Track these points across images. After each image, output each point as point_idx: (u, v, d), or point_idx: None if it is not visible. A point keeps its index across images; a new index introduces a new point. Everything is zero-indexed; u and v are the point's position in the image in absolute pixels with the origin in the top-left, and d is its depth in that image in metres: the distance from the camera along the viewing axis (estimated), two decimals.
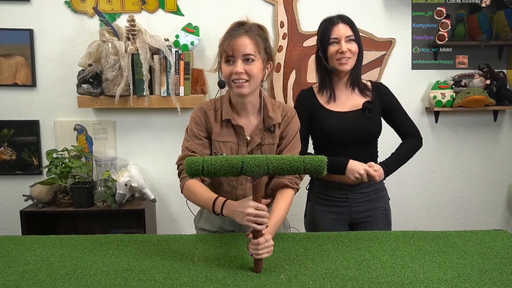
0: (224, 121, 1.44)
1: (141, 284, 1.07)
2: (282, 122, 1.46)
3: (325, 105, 1.67)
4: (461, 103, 2.45)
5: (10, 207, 2.57)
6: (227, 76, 1.38)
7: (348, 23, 1.62)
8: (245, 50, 1.34)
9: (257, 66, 1.37)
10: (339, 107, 1.66)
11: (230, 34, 1.37)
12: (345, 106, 1.67)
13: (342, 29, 1.61)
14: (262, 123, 1.45)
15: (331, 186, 1.70)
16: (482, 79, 2.50)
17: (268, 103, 1.46)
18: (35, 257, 1.24)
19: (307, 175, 1.64)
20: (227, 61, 1.37)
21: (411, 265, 1.17)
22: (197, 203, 1.41)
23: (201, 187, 1.39)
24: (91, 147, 2.55)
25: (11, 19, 2.43)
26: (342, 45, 1.59)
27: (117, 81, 2.30)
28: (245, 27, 1.39)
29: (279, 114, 1.46)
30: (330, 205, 1.71)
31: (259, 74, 1.38)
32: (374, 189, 1.71)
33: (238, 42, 1.34)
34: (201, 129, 1.45)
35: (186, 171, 1.12)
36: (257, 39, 1.38)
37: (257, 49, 1.36)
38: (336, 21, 1.62)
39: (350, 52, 1.59)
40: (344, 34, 1.60)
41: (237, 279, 1.10)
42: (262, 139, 1.44)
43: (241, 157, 1.12)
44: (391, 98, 1.73)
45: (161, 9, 2.46)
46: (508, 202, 2.76)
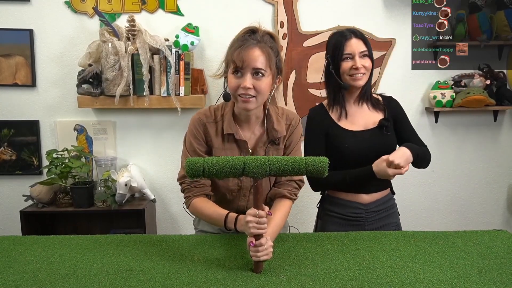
0: (226, 134, 1.37)
1: (141, 284, 1.07)
2: (287, 133, 1.41)
3: (339, 123, 1.60)
4: (461, 103, 2.45)
5: (10, 207, 2.57)
6: (233, 89, 1.28)
7: (361, 38, 1.55)
8: (256, 64, 1.25)
9: (267, 81, 1.28)
10: (354, 125, 1.60)
11: (241, 44, 1.27)
12: (360, 124, 1.60)
13: (355, 44, 1.54)
14: (266, 135, 1.39)
15: (345, 205, 1.63)
16: (482, 79, 2.50)
17: (273, 114, 1.39)
18: (35, 257, 1.24)
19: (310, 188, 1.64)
20: (235, 71, 1.27)
21: (411, 265, 1.17)
22: (207, 220, 1.39)
23: (209, 204, 1.36)
24: (91, 147, 2.55)
25: (11, 19, 2.43)
26: (356, 61, 1.52)
27: (117, 81, 2.30)
28: (257, 37, 1.29)
29: (283, 125, 1.40)
30: (343, 224, 1.63)
31: (268, 89, 1.30)
32: (387, 206, 1.66)
33: (249, 54, 1.25)
34: (200, 143, 1.38)
35: (187, 172, 1.11)
36: (270, 52, 1.28)
37: (269, 63, 1.27)
38: (349, 36, 1.54)
39: (365, 68, 1.54)
40: (358, 50, 1.53)
41: (237, 279, 1.09)
42: (266, 152, 1.38)
43: (243, 158, 1.12)
44: (401, 111, 1.67)
45: (161, 9, 2.46)
46: (508, 202, 2.76)
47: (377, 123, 1.59)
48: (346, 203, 1.63)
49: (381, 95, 1.69)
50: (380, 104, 1.64)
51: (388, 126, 1.58)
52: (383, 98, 1.68)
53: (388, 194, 1.68)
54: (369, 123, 1.60)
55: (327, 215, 1.68)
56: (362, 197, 1.60)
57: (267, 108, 1.39)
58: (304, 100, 2.54)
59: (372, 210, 1.62)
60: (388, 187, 1.68)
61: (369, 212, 1.62)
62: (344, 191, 1.62)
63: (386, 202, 1.65)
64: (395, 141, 1.61)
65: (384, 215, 1.65)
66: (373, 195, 1.61)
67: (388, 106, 1.64)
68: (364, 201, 1.61)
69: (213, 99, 2.55)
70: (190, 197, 1.38)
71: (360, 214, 1.61)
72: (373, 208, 1.62)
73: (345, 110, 1.61)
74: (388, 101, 1.66)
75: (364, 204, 1.61)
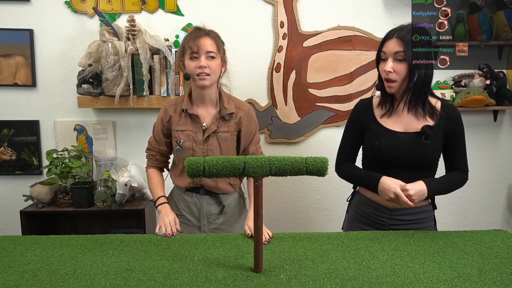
0: (183, 111, 1.66)
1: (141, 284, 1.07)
2: (239, 115, 1.66)
3: (380, 120, 1.51)
4: (461, 103, 2.45)
5: (10, 207, 2.57)
6: (192, 70, 1.57)
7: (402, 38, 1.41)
8: (208, 47, 1.56)
9: (217, 62, 1.59)
10: (395, 125, 1.49)
11: (194, 35, 1.57)
12: (403, 125, 1.48)
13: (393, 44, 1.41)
14: (219, 113, 1.65)
15: (370, 205, 1.56)
16: (482, 79, 2.50)
17: (224, 96, 1.67)
18: (35, 257, 1.24)
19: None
20: (192, 58, 1.56)
21: (411, 265, 1.17)
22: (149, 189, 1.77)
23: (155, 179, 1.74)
24: (91, 147, 2.55)
25: (11, 19, 2.43)
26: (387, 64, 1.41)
27: (117, 81, 2.30)
28: (206, 30, 1.60)
29: (233, 105, 1.67)
30: (367, 223, 1.57)
31: (218, 69, 1.60)
32: (419, 218, 1.52)
33: (202, 41, 1.55)
34: (160, 127, 1.71)
35: (187, 171, 1.12)
36: (218, 41, 1.60)
37: (218, 48, 1.59)
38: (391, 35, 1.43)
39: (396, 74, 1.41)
40: (392, 50, 1.40)
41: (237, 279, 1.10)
42: (217, 127, 1.64)
43: (243, 158, 1.12)
44: (458, 126, 1.50)
45: (161, 9, 2.46)
46: (508, 202, 2.76)
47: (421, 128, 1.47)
48: (371, 203, 1.56)
49: (441, 100, 1.52)
50: (436, 111, 1.48)
51: (430, 135, 1.44)
52: (443, 104, 1.50)
53: (424, 206, 1.54)
54: (413, 127, 1.47)
55: (354, 211, 1.64)
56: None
57: (218, 90, 1.66)
58: (304, 100, 2.54)
59: (397, 218, 1.52)
60: (428, 199, 1.55)
61: (393, 218, 1.52)
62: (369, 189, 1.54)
63: (419, 213, 1.52)
64: (435, 152, 1.48)
65: (414, 227, 1.52)
66: None
67: (445, 116, 1.48)
68: (389, 205, 1.52)
69: None
70: (147, 166, 1.78)
71: (382, 218, 1.54)
72: (399, 215, 1.52)
73: (392, 108, 1.50)
74: (447, 110, 1.49)
75: (389, 209, 1.52)
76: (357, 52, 2.52)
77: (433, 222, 1.59)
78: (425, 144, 1.44)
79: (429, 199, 1.58)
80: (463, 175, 1.54)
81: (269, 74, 2.53)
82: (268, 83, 2.54)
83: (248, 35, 2.50)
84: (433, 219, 1.60)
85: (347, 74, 2.53)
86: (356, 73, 2.54)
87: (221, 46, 1.62)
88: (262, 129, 2.58)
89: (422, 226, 1.54)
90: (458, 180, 1.52)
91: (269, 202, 2.64)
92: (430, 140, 1.44)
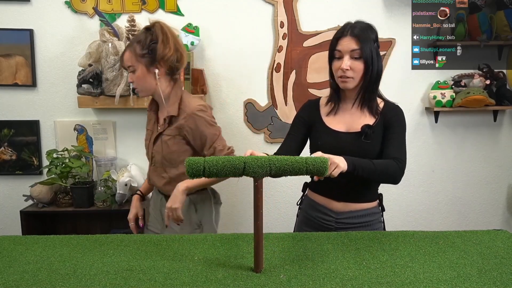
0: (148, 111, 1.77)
1: (141, 284, 1.07)
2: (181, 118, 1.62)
3: (325, 120, 1.53)
4: (461, 103, 2.45)
5: (10, 207, 2.57)
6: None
7: (356, 35, 1.40)
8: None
9: (138, 73, 1.59)
10: (339, 125, 1.51)
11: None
12: (346, 125, 1.50)
13: (347, 42, 1.41)
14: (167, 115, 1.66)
15: (317, 209, 1.56)
16: (482, 79, 2.50)
17: (171, 98, 1.65)
18: (35, 257, 1.24)
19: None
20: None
21: (411, 265, 1.17)
22: None
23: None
24: (91, 147, 2.55)
25: (11, 19, 2.43)
26: (343, 62, 1.42)
27: (117, 81, 2.30)
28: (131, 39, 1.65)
29: (176, 108, 1.63)
30: (315, 227, 1.56)
31: (143, 78, 1.60)
32: (366, 221, 1.53)
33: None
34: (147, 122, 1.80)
35: (187, 171, 1.11)
36: (134, 49, 1.58)
37: (135, 59, 1.58)
38: (345, 33, 1.43)
39: (353, 71, 1.42)
40: (348, 48, 1.41)
41: (237, 279, 1.10)
42: (164, 129, 1.66)
43: (243, 158, 1.12)
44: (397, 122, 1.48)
45: (161, 9, 2.46)
46: (508, 202, 2.76)
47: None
48: (319, 207, 1.56)
49: (385, 101, 1.54)
50: (378, 111, 1.50)
51: (369, 134, 1.45)
52: (386, 104, 1.52)
53: (371, 208, 1.54)
54: (356, 127, 1.48)
55: (303, 215, 1.64)
56: (334, 204, 1.52)
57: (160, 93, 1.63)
58: (304, 100, 2.49)
59: (344, 221, 1.51)
60: (375, 201, 1.55)
61: (340, 222, 1.51)
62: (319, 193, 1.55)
63: (366, 216, 1.52)
64: (375, 151, 1.47)
65: (362, 229, 1.50)
66: (348, 205, 1.51)
67: (385, 114, 1.49)
68: (335, 208, 1.52)
69: (213, 99, 2.56)
70: None
71: (329, 222, 1.53)
72: (345, 219, 1.51)
73: (337, 108, 1.52)
74: (388, 109, 1.50)
75: (336, 212, 1.52)
76: None
77: (381, 224, 1.58)
78: (365, 143, 1.45)
79: (376, 201, 1.55)
80: (393, 162, 1.41)
81: (269, 74, 2.53)
82: (268, 83, 2.54)
83: (248, 35, 2.50)
84: (382, 221, 1.58)
85: None
86: None
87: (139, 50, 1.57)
88: (262, 129, 2.58)
89: (370, 229, 1.52)
90: (384, 164, 1.40)
91: (269, 202, 2.64)
92: (369, 139, 1.45)
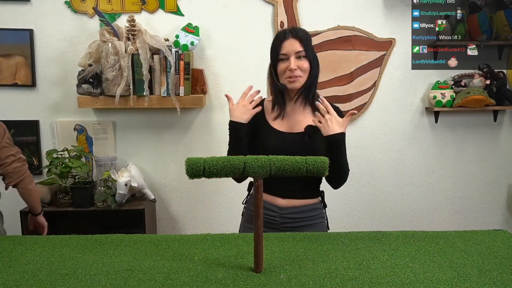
0: None
1: (141, 284, 1.07)
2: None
3: (271, 122, 1.58)
4: (461, 103, 2.45)
5: (10, 207, 2.57)
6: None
7: (299, 38, 1.49)
8: None
9: None
10: (283, 126, 1.56)
11: None
12: (290, 126, 1.56)
13: (291, 44, 1.49)
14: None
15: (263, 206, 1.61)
16: (482, 79, 2.50)
17: None
18: (35, 257, 1.24)
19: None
20: None
21: (411, 265, 1.17)
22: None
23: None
24: (91, 147, 2.55)
25: (11, 19, 2.43)
26: (291, 62, 1.48)
27: (117, 81, 2.30)
28: None
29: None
30: None
31: None
32: (309, 216, 1.59)
33: None
34: None
35: (187, 171, 1.11)
36: None
37: None
38: (287, 36, 1.50)
39: (300, 70, 1.49)
40: (293, 50, 1.48)
41: (237, 279, 1.09)
42: None
43: (243, 158, 1.12)
44: None
45: (161, 9, 2.46)
46: (508, 202, 2.76)
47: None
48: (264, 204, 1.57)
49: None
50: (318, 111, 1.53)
51: (311, 134, 1.51)
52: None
53: (313, 204, 1.61)
54: (300, 127, 1.55)
55: (248, 214, 1.67)
56: (278, 200, 1.57)
57: None
58: None
59: (288, 216, 1.58)
60: (317, 197, 1.63)
61: (284, 217, 1.58)
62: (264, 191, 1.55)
63: (309, 211, 1.60)
64: (319, 149, 1.51)
65: (304, 224, 1.59)
66: (292, 201, 1.57)
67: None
68: (279, 204, 1.58)
69: (213, 99, 2.56)
70: None
71: (274, 217, 1.59)
72: (289, 214, 1.58)
73: (284, 111, 1.57)
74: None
75: (280, 208, 1.58)
76: (357, 52, 2.52)
77: (324, 219, 1.65)
78: (309, 143, 1.52)
79: (319, 198, 1.62)
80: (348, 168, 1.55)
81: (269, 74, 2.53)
82: (268, 83, 2.54)
83: (248, 35, 2.50)
84: (324, 216, 1.65)
85: (347, 74, 2.53)
86: (356, 73, 2.54)
87: None
88: None
89: (313, 223, 1.60)
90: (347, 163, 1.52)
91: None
92: (312, 139, 1.52)
